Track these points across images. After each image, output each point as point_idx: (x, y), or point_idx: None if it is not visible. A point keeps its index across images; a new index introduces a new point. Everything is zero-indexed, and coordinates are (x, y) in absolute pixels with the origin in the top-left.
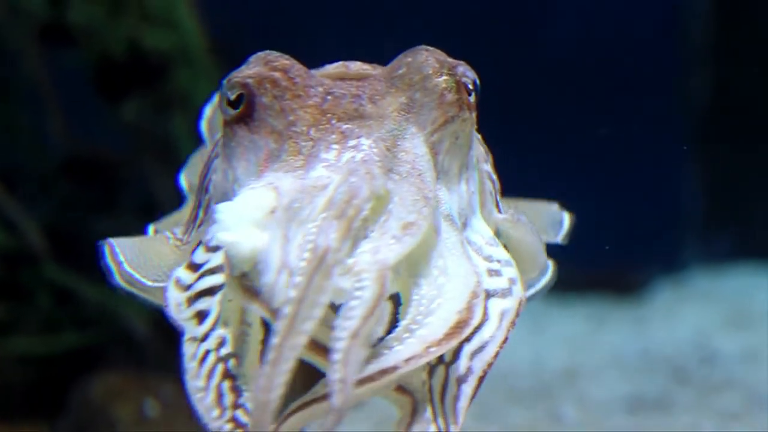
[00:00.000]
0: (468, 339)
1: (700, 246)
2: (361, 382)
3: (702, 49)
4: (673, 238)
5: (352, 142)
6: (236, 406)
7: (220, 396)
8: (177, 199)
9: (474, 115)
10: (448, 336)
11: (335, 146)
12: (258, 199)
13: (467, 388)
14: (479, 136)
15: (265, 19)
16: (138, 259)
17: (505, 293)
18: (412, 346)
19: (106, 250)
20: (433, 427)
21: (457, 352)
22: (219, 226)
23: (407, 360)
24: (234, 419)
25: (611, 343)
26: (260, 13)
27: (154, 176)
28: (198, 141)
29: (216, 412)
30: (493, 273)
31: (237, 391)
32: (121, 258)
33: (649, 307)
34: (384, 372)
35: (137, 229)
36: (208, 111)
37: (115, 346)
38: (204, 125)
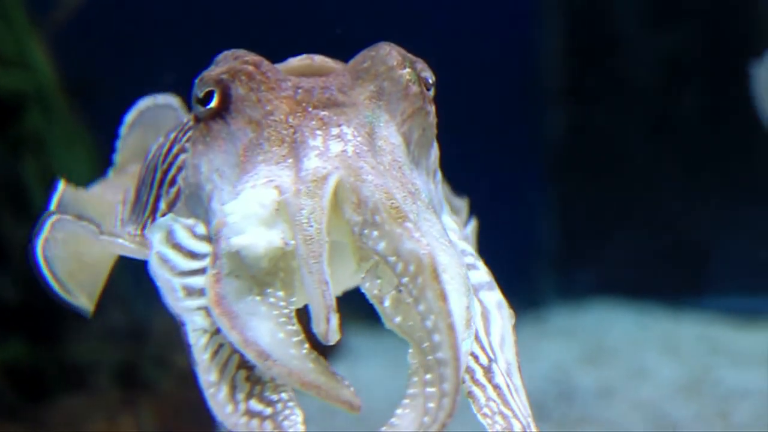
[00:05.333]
0: (488, 332)
1: (558, 283)
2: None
3: (556, 89)
4: (532, 276)
5: (334, 130)
6: (251, 395)
7: (233, 389)
8: (27, 246)
9: (434, 110)
10: (467, 333)
11: (319, 132)
12: (262, 197)
13: (516, 380)
14: None
15: (119, 60)
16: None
17: (491, 286)
18: (454, 338)
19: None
20: (518, 426)
21: (491, 348)
22: (231, 230)
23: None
24: (248, 411)
25: None
26: (115, 55)
27: (3, 222)
28: (50, 185)
29: (230, 408)
30: (471, 267)
31: (252, 381)
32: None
33: None
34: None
35: None
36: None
37: None
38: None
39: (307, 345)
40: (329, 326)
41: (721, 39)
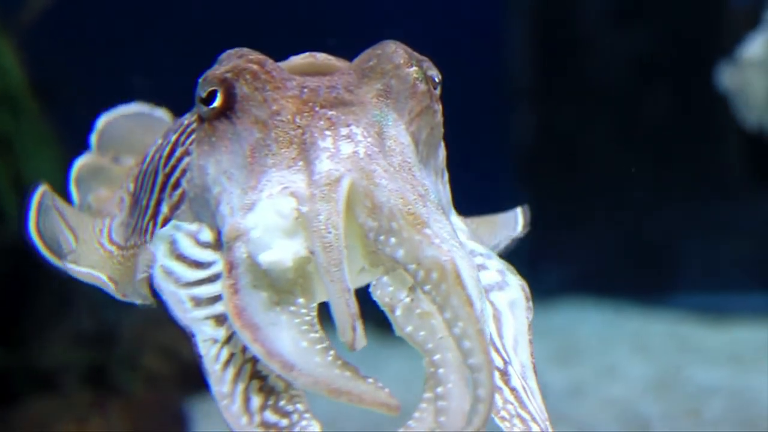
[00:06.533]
0: (500, 335)
1: (528, 281)
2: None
3: (525, 89)
4: None
5: (343, 131)
6: (265, 407)
7: (247, 400)
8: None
9: (441, 108)
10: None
11: (328, 133)
12: (280, 207)
13: (531, 382)
14: None
15: (88, 62)
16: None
17: (501, 285)
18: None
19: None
20: (536, 429)
21: (505, 350)
22: (257, 246)
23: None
24: (264, 423)
25: None
26: (84, 57)
27: None
28: (18, 187)
29: (245, 420)
30: (481, 267)
31: (266, 391)
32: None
33: None
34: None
35: None
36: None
37: None
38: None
39: (332, 352)
40: (356, 335)
41: (687, 39)
